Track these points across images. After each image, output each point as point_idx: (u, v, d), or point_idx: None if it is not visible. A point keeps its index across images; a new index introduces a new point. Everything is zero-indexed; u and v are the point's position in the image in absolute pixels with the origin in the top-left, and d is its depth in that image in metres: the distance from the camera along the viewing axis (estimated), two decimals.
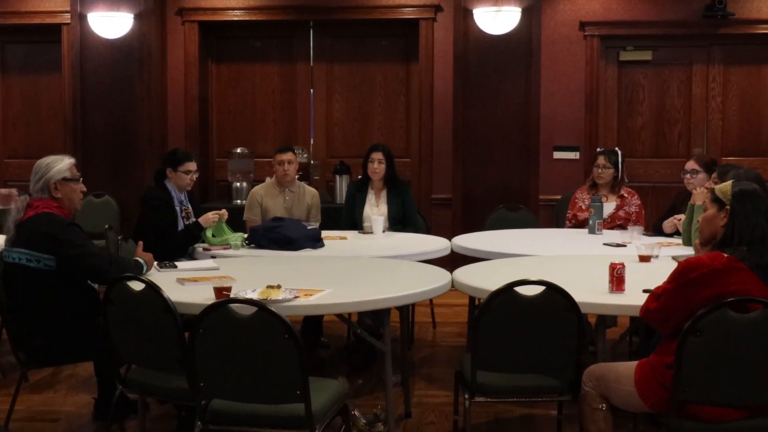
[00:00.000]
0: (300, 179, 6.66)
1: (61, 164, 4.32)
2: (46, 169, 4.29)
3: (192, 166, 5.57)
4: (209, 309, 3.29)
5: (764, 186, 4.12)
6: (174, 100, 8.71)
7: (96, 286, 4.40)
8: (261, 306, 3.26)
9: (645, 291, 3.58)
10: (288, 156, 6.31)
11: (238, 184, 8.42)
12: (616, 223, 6.22)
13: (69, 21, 8.52)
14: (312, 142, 8.94)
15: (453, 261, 5.17)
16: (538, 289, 3.55)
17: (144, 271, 4.24)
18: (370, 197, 6.45)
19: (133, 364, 3.87)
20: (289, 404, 3.31)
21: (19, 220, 4.23)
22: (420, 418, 4.71)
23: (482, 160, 7.99)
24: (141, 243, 4.51)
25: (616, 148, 6.73)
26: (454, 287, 4.26)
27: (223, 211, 5.46)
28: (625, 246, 5.32)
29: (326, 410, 3.43)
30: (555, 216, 7.21)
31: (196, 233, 5.36)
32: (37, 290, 4.16)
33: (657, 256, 4.72)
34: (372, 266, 4.77)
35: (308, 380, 3.25)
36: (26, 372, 4.38)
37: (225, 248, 5.28)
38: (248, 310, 3.25)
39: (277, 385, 3.29)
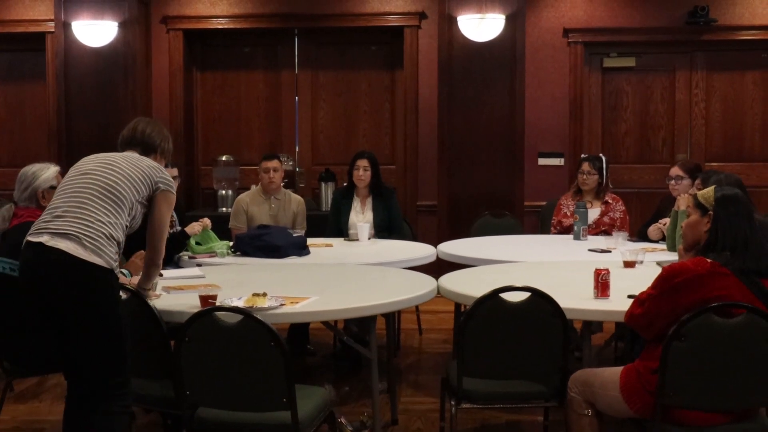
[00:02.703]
0: (285, 187, 6.66)
1: (48, 173, 4.33)
2: (32, 177, 4.30)
3: (173, 172, 5.55)
4: (195, 317, 3.28)
5: (745, 191, 4.16)
6: (159, 108, 8.70)
7: None
8: (247, 314, 3.26)
9: (630, 296, 3.60)
10: (273, 163, 6.32)
11: (224, 191, 8.40)
12: (601, 229, 6.24)
13: (53, 29, 8.50)
14: (297, 150, 8.93)
15: (438, 268, 5.18)
16: (523, 296, 3.57)
17: (128, 278, 4.22)
18: (356, 204, 6.46)
19: None
20: (275, 412, 3.30)
21: (3, 229, 4.21)
22: (406, 425, 4.71)
23: (467, 166, 8.00)
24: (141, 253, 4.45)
25: (601, 155, 6.76)
26: (439, 294, 4.27)
27: (206, 219, 5.45)
28: (609, 252, 5.35)
29: (313, 418, 3.43)
30: (540, 222, 7.23)
31: (181, 241, 5.35)
32: (18, 300, 4.12)
33: (641, 262, 4.74)
34: (358, 273, 4.78)
35: (294, 388, 3.25)
36: (11, 381, 4.36)
37: (210, 256, 5.27)
38: (234, 318, 3.24)
39: (263, 392, 3.29)
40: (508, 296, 3.56)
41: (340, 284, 4.45)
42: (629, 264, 4.69)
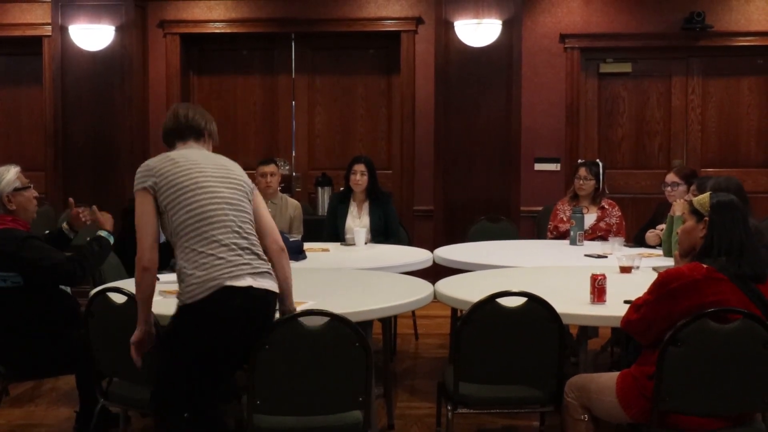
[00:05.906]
0: (282, 191, 6.67)
1: (9, 175, 4.21)
2: None
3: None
4: (277, 323, 3.31)
5: (744, 195, 4.16)
6: (155, 112, 8.69)
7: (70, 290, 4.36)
8: (334, 316, 3.31)
9: (626, 302, 3.60)
10: (270, 168, 6.32)
11: None
12: (597, 234, 6.25)
13: (50, 33, 8.49)
14: (294, 154, 8.94)
15: (435, 272, 5.17)
16: (519, 301, 3.57)
17: (112, 242, 4.26)
18: (353, 209, 6.46)
19: (115, 377, 3.86)
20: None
21: None
22: (403, 430, 4.71)
23: (464, 171, 8.00)
24: (95, 208, 4.46)
25: (597, 160, 6.77)
26: (436, 299, 4.27)
27: None
28: (606, 257, 5.35)
29: None
30: (536, 227, 7.23)
31: None
32: (10, 308, 4.11)
33: (638, 267, 4.74)
34: (354, 278, 4.78)
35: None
36: (7, 385, 4.35)
37: None
38: (315, 322, 3.28)
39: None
40: (504, 301, 3.57)
41: (336, 289, 4.45)
42: (625, 269, 4.70)
